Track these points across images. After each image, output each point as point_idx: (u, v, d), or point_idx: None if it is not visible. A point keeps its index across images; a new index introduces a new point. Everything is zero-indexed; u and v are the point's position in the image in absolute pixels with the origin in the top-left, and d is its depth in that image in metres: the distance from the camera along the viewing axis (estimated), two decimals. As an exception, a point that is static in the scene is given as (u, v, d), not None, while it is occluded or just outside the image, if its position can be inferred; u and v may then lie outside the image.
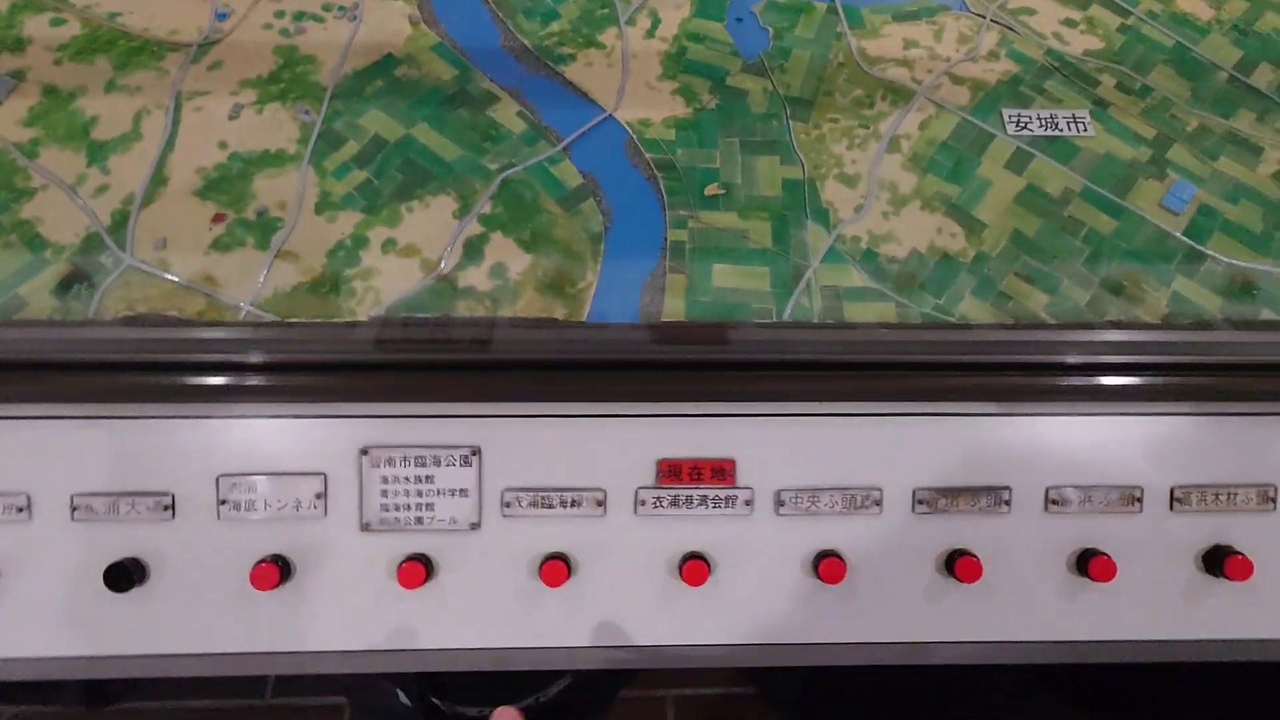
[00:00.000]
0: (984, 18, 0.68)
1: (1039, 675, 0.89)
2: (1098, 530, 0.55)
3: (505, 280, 0.54)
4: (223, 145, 0.59)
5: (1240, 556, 0.53)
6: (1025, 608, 0.55)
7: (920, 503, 0.55)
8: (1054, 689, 0.93)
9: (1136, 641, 0.56)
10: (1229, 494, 0.55)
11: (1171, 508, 0.55)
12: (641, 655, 0.54)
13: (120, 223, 0.55)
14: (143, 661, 0.54)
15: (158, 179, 0.57)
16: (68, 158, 0.57)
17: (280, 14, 0.66)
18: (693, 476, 0.54)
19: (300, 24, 0.65)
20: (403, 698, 1.11)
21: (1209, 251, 0.56)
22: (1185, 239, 0.57)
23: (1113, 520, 0.55)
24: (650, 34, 0.66)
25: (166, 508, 0.53)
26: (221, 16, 0.66)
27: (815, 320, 0.54)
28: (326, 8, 0.66)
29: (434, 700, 1.09)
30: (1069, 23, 0.68)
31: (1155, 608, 0.55)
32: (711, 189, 0.58)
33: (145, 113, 0.60)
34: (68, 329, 0.52)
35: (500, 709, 0.40)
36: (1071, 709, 0.92)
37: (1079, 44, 0.67)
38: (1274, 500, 0.55)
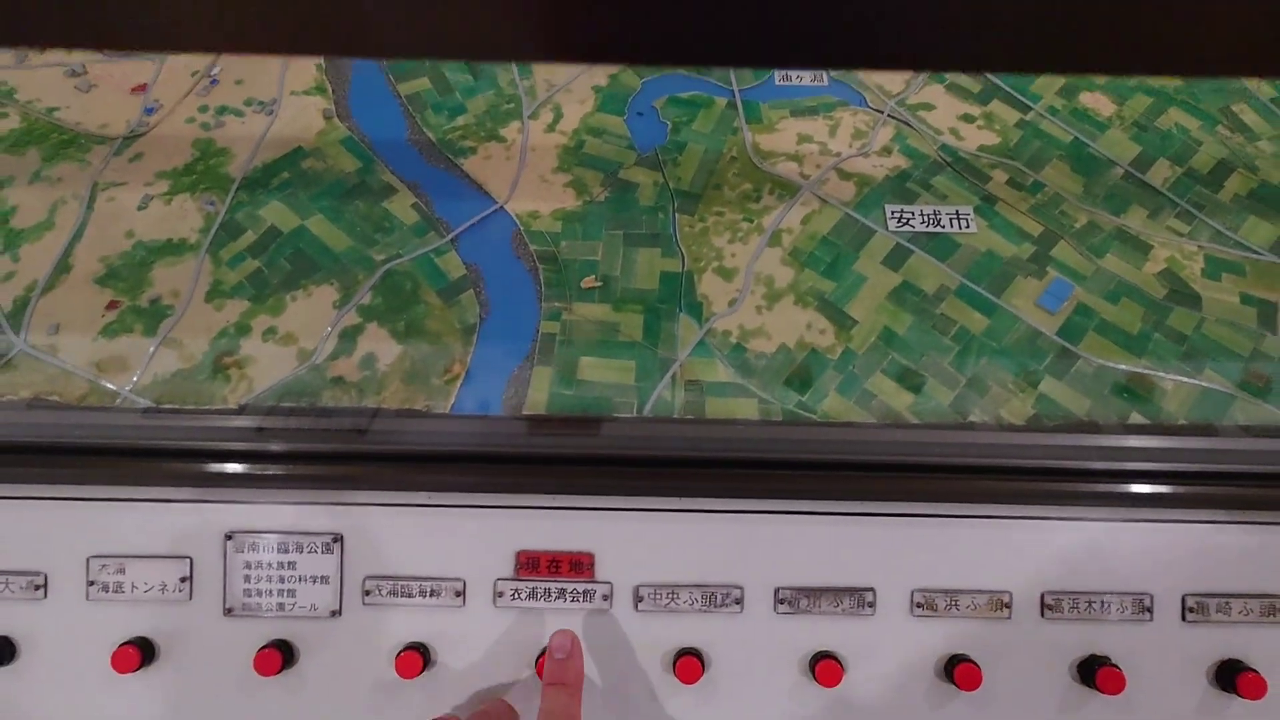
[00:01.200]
0: (881, 113, 0.69)
1: None
2: (964, 634, 0.54)
3: (374, 370, 0.55)
4: (129, 234, 0.62)
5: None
6: (888, 714, 0.54)
7: (782, 602, 0.54)
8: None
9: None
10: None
11: (1043, 614, 0.54)
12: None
13: (21, 308, 0.58)
14: (6, 740, 0.54)
15: (62, 266, 0.60)
16: (-17, 247, 0.61)
17: (204, 108, 0.69)
18: (551, 569, 0.54)
19: (221, 118, 0.69)
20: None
21: (1081, 352, 0.56)
22: (1058, 339, 0.57)
23: (982, 625, 0.54)
24: (551, 128, 0.68)
25: (38, 587, 0.54)
26: (149, 111, 0.70)
27: (676, 415, 0.54)
28: (248, 103, 0.70)
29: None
30: (967, 118, 0.69)
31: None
32: (588, 281, 0.59)
33: (62, 203, 0.63)
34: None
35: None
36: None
37: (975, 139, 0.68)
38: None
